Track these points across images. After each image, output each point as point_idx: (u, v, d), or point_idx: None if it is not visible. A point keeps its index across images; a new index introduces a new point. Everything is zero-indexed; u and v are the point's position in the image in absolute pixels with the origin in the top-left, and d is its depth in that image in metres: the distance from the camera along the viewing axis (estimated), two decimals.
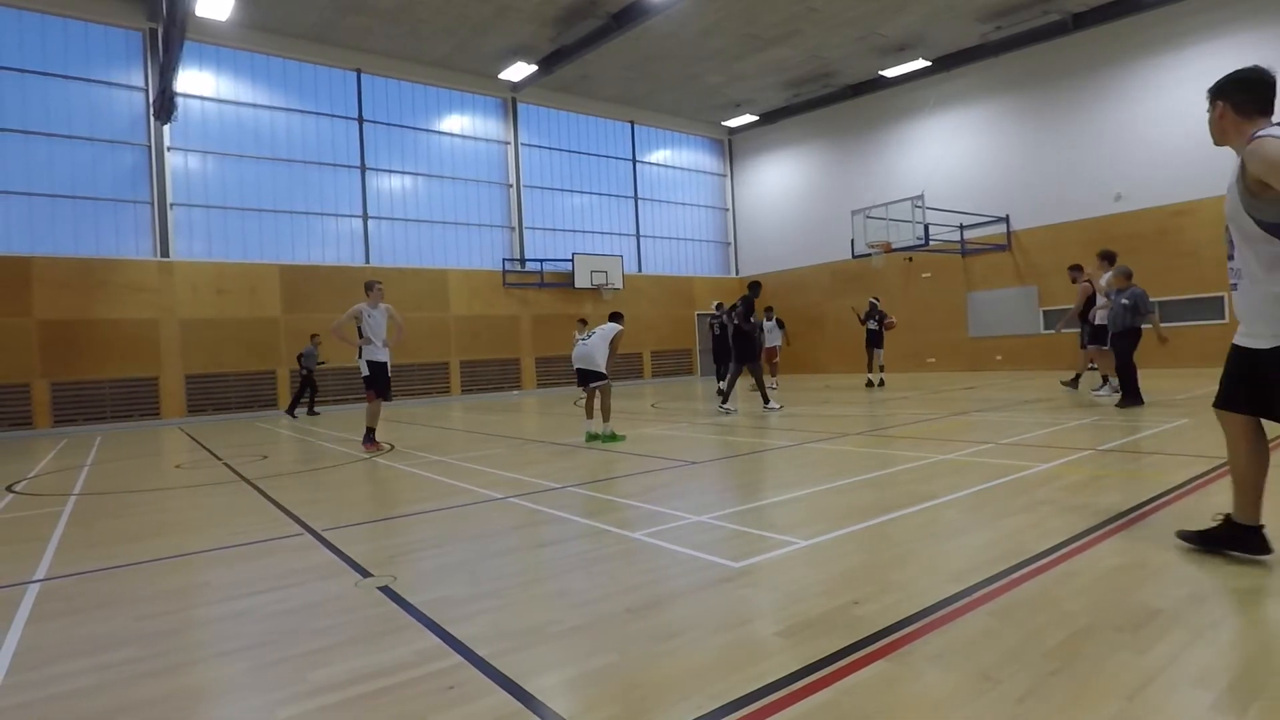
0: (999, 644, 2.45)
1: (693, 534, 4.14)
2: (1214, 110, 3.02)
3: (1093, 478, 5.09)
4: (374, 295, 9.16)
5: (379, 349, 9.10)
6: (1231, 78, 2.98)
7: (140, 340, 16.35)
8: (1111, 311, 9.60)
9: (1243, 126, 2.91)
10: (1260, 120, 2.88)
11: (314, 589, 3.50)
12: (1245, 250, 2.92)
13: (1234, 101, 2.95)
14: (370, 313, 9.04)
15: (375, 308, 9.11)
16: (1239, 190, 2.85)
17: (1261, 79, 2.91)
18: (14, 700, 2.45)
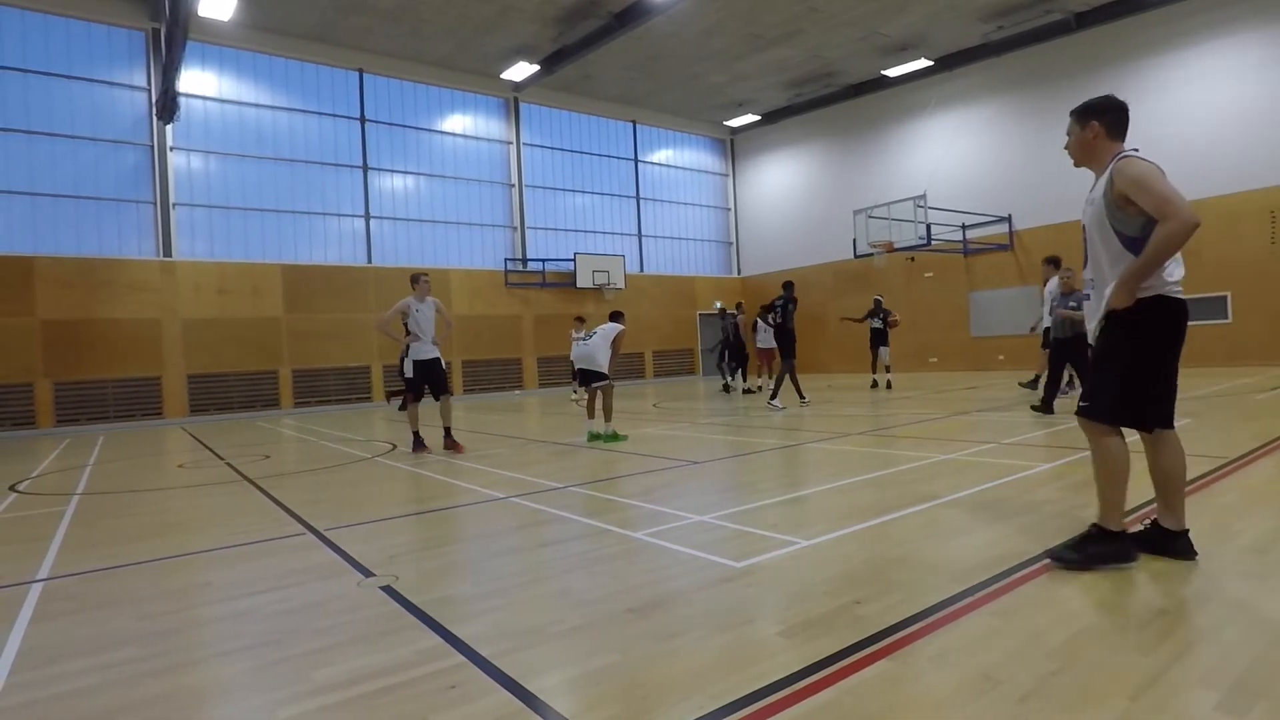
0: (1001, 644, 2.44)
1: (694, 534, 4.14)
2: (1087, 130, 3.35)
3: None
4: (420, 289, 8.66)
5: (428, 346, 8.59)
6: (1106, 103, 3.34)
7: (143, 340, 16.38)
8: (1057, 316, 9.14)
9: (1111, 147, 3.27)
10: (1120, 143, 3.28)
11: (316, 589, 3.50)
12: (1103, 262, 3.22)
13: (1108, 123, 3.30)
14: (418, 307, 8.55)
15: (423, 302, 8.60)
16: (1104, 204, 3.17)
17: (1125, 107, 3.34)
18: (17, 699, 2.45)
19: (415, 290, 8.64)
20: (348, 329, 18.94)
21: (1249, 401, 9.36)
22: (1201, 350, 16.52)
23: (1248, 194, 15.86)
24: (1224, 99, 16.21)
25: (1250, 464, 5.27)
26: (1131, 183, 3.01)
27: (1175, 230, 2.90)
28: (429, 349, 8.60)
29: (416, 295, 8.61)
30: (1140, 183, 2.98)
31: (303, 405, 18.23)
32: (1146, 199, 2.96)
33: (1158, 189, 2.94)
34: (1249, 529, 3.63)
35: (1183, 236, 2.91)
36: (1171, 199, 2.91)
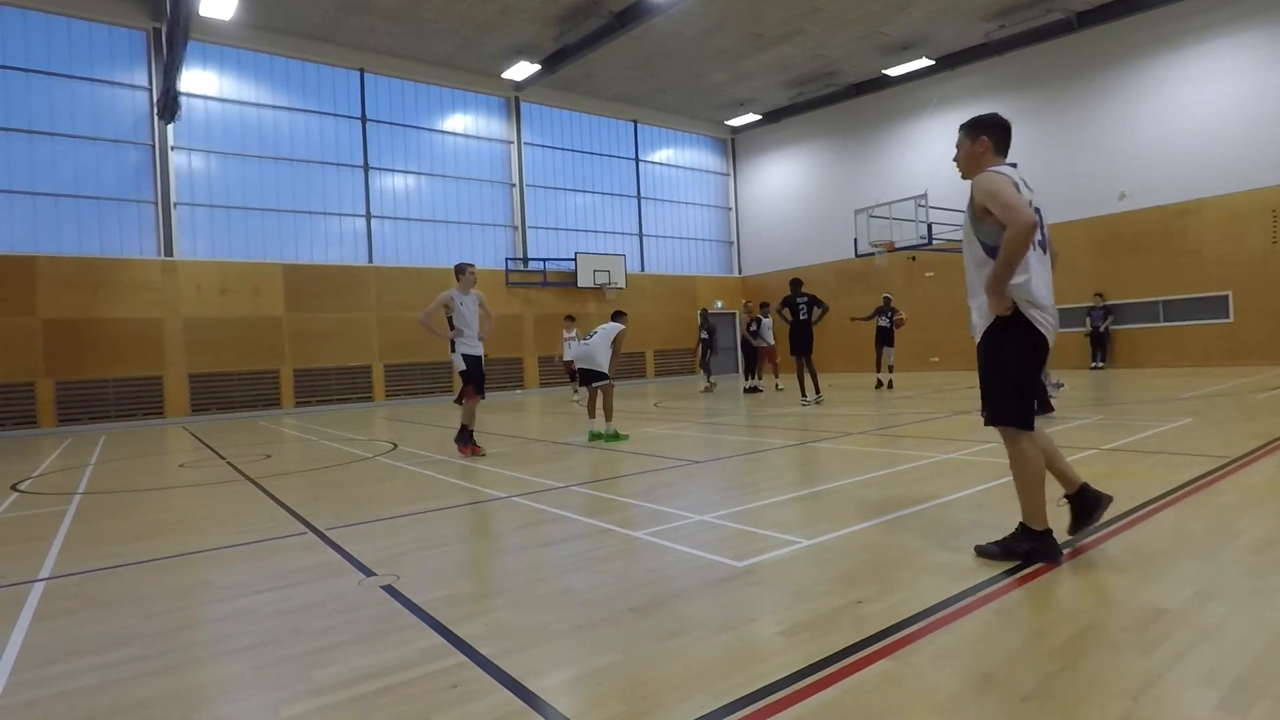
0: (1003, 643, 2.44)
1: (696, 533, 4.14)
2: (976, 144, 3.50)
3: (1097, 477, 5.06)
4: (465, 280, 8.05)
5: (473, 341, 8.05)
6: (993, 120, 3.50)
7: (144, 339, 16.39)
8: None
9: (994, 162, 3.44)
10: (1002, 158, 3.48)
11: (317, 588, 3.50)
12: (971, 270, 3.45)
13: (995, 139, 3.48)
14: (462, 300, 7.96)
15: (466, 295, 8.01)
16: (969, 216, 3.39)
17: (1009, 126, 3.54)
18: (19, 699, 2.45)
19: (460, 281, 8.07)
20: (349, 328, 18.95)
21: (1250, 401, 9.35)
22: (1202, 350, 16.53)
23: (1249, 193, 15.85)
24: (1226, 98, 16.19)
25: (1251, 464, 5.26)
26: (985, 194, 3.24)
27: (1014, 234, 3.12)
28: (475, 344, 8.08)
29: (460, 287, 8.03)
30: (991, 193, 3.21)
31: (304, 405, 18.25)
32: (995, 207, 3.18)
33: (1004, 198, 3.16)
34: (1250, 529, 3.63)
35: (1022, 238, 3.12)
36: (1013, 205, 3.13)
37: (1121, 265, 17.74)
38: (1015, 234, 3.10)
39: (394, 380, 19.63)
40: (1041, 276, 3.35)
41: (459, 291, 8.00)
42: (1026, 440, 3.43)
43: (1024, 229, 3.09)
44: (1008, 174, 3.31)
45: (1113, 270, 17.87)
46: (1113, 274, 17.88)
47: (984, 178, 3.32)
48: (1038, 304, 3.31)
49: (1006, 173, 3.32)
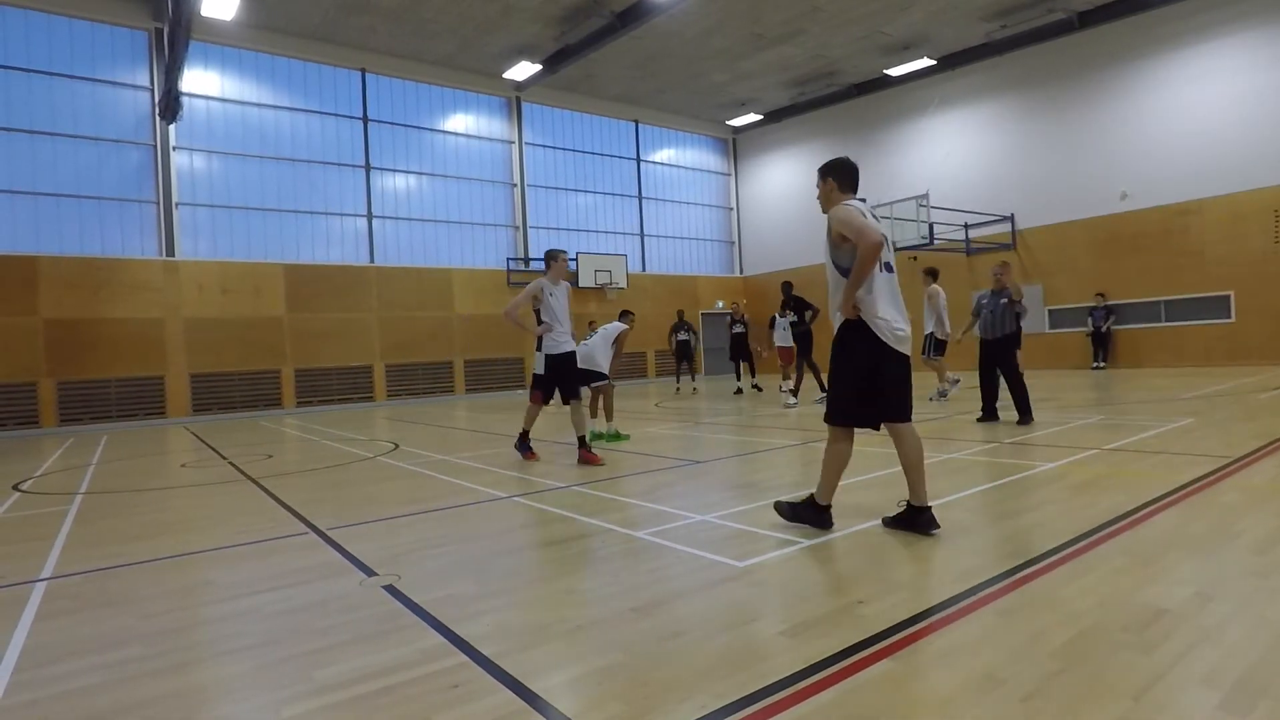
0: (1004, 643, 2.44)
1: (697, 533, 4.14)
2: (826, 184, 4.15)
3: (1098, 477, 5.08)
4: (555, 269, 7.27)
5: (563, 338, 7.26)
6: (837, 164, 4.14)
7: (145, 339, 16.41)
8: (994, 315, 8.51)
9: (842, 198, 4.05)
10: (850, 194, 4.10)
11: (318, 588, 3.50)
12: (830, 290, 4.11)
13: (839, 180, 4.11)
14: (551, 290, 7.16)
15: (557, 285, 7.23)
16: (827, 244, 4.03)
17: (853, 168, 4.15)
18: (21, 698, 2.45)
19: (550, 270, 7.26)
20: (350, 328, 18.96)
21: (1251, 401, 9.34)
22: (1203, 350, 16.52)
23: (1251, 193, 15.83)
24: (1227, 98, 16.18)
25: (1252, 464, 5.26)
26: (840, 223, 3.87)
27: (865, 249, 3.71)
28: (565, 341, 7.29)
29: (550, 276, 7.24)
30: (844, 221, 3.84)
31: (305, 405, 18.26)
32: (850, 231, 3.78)
33: (855, 224, 3.78)
34: (1251, 529, 3.62)
35: (872, 254, 3.71)
36: (863, 228, 3.74)
37: (1122, 265, 17.73)
38: (866, 250, 3.69)
39: (395, 380, 19.64)
40: (887, 294, 3.92)
41: (549, 281, 7.20)
42: (839, 435, 4.08)
43: (873, 246, 3.68)
44: (857, 206, 3.94)
45: (1114, 270, 17.86)
46: (1114, 274, 17.86)
47: (838, 209, 3.93)
48: (881, 315, 3.86)
49: (856, 205, 3.95)
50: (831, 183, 4.13)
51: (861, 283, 3.79)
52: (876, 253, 3.70)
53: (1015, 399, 8.39)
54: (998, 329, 8.49)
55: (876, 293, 3.85)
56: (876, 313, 3.84)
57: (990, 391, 8.68)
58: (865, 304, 3.85)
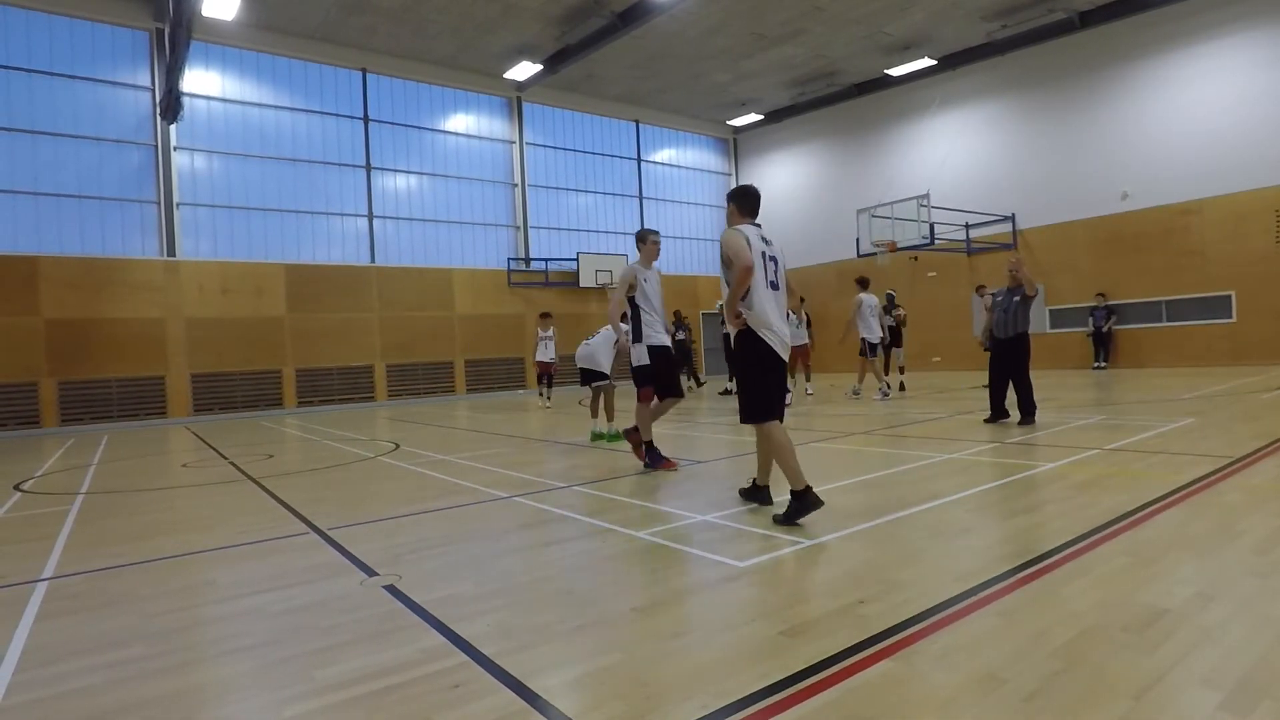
0: (1005, 643, 2.44)
1: (698, 533, 4.15)
2: (729, 209, 4.71)
3: (1099, 477, 5.08)
4: (647, 250, 6.51)
5: (659, 329, 6.53)
6: (738, 191, 4.71)
7: (146, 339, 16.42)
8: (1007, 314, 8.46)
9: (739, 221, 4.59)
10: (748, 219, 4.62)
11: (320, 588, 3.50)
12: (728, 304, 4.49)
13: (738, 205, 4.66)
14: (645, 276, 6.47)
15: (650, 270, 6.56)
16: (721, 263, 4.55)
17: (752, 194, 4.71)
18: (23, 698, 2.46)
19: (642, 253, 6.55)
20: (351, 328, 18.98)
21: (1253, 401, 9.34)
22: (1205, 349, 16.51)
23: (1252, 193, 15.82)
24: (1229, 98, 16.17)
25: (1254, 464, 5.25)
26: (724, 244, 4.43)
27: (738, 272, 4.31)
28: (662, 332, 6.54)
29: (643, 259, 6.55)
30: (726, 243, 4.40)
31: (306, 405, 18.27)
32: (729, 253, 4.34)
33: (732, 248, 4.33)
34: (1252, 529, 3.62)
35: (741, 276, 4.29)
36: (738, 253, 4.29)
37: (1124, 265, 17.72)
38: (738, 272, 4.29)
39: (396, 380, 19.65)
40: (771, 306, 4.41)
41: (642, 266, 6.51)
42: (772, 428, 4.38)
43: (743, 270, 4.27)
44: (744, 231, 4.44)
45: (1115, 270, 17.85)
46: (1115, 274, 17.85)
47: (726, 233, 4.47)
48: (766, 325, 4.37)
49: (744, 230, 4.45)
50: (733, 207, 4.67)
51: (738, 298, 4.36)
52: (746, 276, 4.27)
53: (1021, 399, 8.28)
54: (1009, 328, 8.37)
55: (760, 307, 4.37)
56: (763, 323, 4.38)
57: (999, 392, 8.51)
58: (751, 317, 4.37)
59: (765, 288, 4.40)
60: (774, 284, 4.48)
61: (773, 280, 4.48)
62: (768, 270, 4.44)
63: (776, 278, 4.51)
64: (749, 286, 4.31)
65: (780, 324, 4.44)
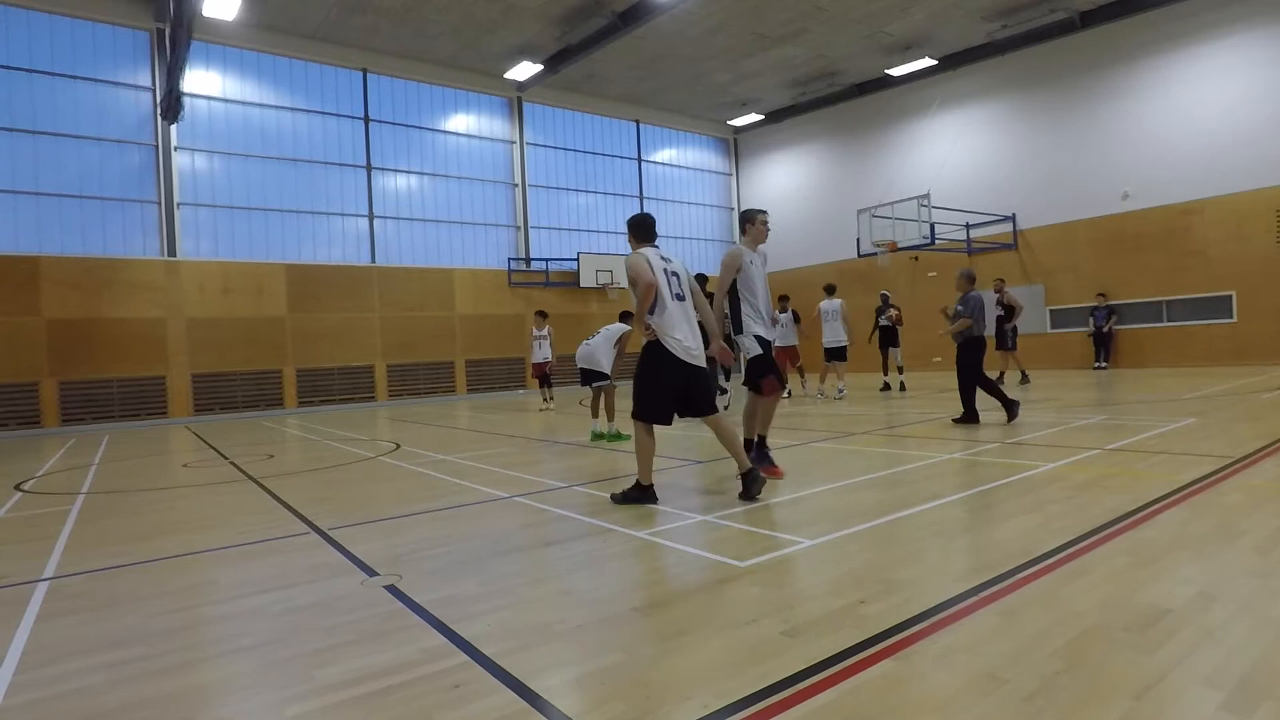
0: (1006, 644, 2.44)
1: (698, 533, 4.14)
2: (629, 236, 5.20)
3: (1099, 477, 5.08)
4: (755, 231, 5.92)
5: (761, 322, 5.82)
6: (632, 221, 5.18)
7: (147, 339, 16.43)
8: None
9: (639, 246, 5.12)
10: (645, 244, 5.11)
11: (321, 588, 3.51)
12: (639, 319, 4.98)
13: (633, 233, 5.18)
14: (751, 259, 5.81)
15: (756, 252, 5.93)
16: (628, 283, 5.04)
17: (648, 222, 5.16)
18: (24, 698, 2.46)
19: (748, 233, 5.93)
20: (352, 328, 18.98)
21: (1254, 401, 9.33)
22: (1206, 349, 16.50)
23: (1253, 193, 15.81)
24: (1230, 97, 16.16)
25: (1255, 464, 5.25)
26: (627, 268, 4.97)
27: (641, 289, 4.83)
28: (764, 325, 5.84)
29: (749, 240, 5.92)
30: (628, 267, 4.96)
31: (307, 405, 18.28)
32: (631, 275, 4.90)
33: (634, 271, 4.89)
34: (1254, 529, 3.62)
35: (644, 294, 4.82)
36: (640, 273, 4.84)
37: (1125, 265, 17.71)
38: (640, 289, 4.82)
39: (396, 380, 19.65)
40: (677, 318, 4.91)
41: (748, 247, 5.88)
42: (645, 428, 4.96)
43: (645, 287, 4.81)
44: (645, 254, 4.98)
45: (1116, 270, 17.84)
46: (1116, 274, 17.85)
47: (628, 257, 5.02)
48: (672, 336, 4.86)
49: (644, 253, 5.00)
50: (630, 236, 5.20)
51: (644, 312, 4.84)
52: (649, 292, 4.81)
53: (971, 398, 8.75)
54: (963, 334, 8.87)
55: (668, 319, 4.87)
56: (668, 334, 4.86)
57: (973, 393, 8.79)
58: (659, 327, 4.86)
59: (671, 300, 4.91)
60: (679, 296, 4.98)
61: (678, 293, 4.98)
62: (671, 285, 4.95)
63: (681, 290, 5.02)
64: (656, 300, 4.84)
65: (686, 332, 4.91)
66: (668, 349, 4.83)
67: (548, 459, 7.61)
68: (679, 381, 4.92)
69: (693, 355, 4.90)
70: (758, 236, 5.98)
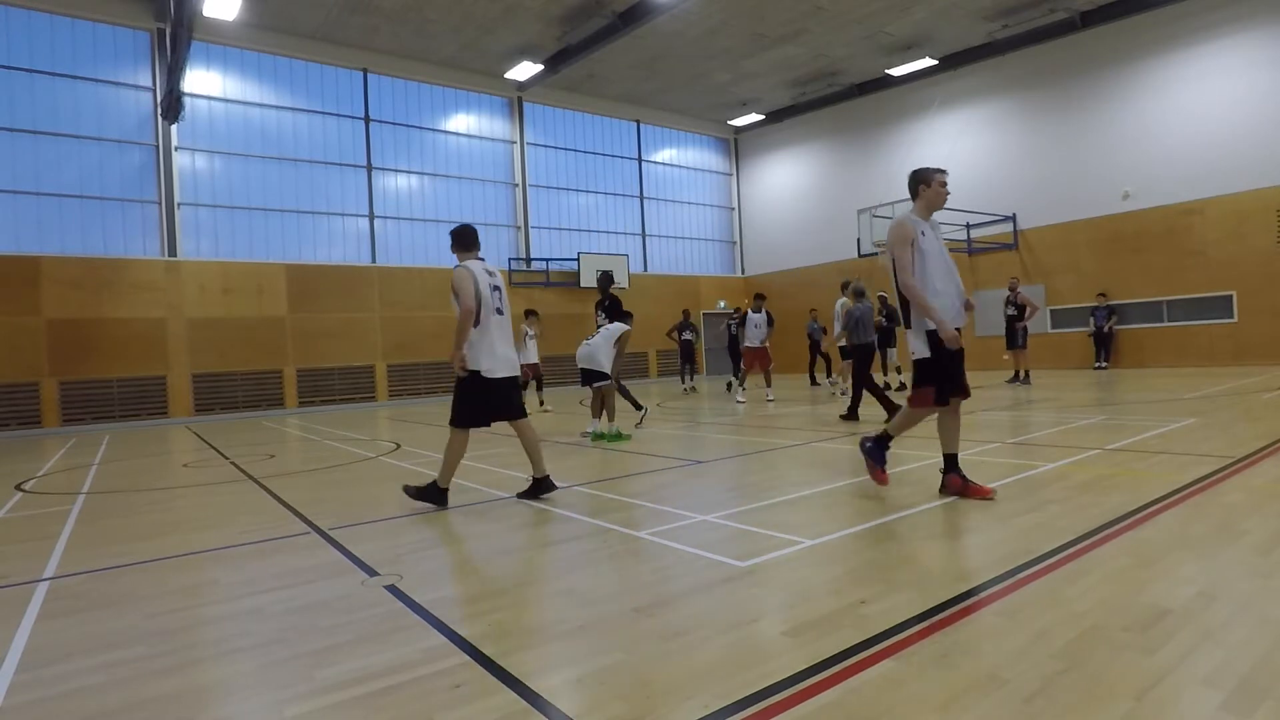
0: (1006, 644, 2.44)
1: (699, 533, 4.14)
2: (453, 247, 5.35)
3: (1100, 477, 5.07)
4: (930, 194, 4.79)
5: (954, 299, 4.72)
6: (458, 231, 5.35)
7: (148, 339, 16.43)
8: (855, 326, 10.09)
9: (465, 257, 5.27)
10: (469, 253, 5.31)
11: (321, 587, 3.51)
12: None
13: (456, 243, 5.33)
14: (925, 230, 4.71)
15: (929, 223, 4.80)
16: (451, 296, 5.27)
17: (472, 232, 5.37)
18: (24, 698, 2.46)
19: (922, 197, 4.81)
20: (352, 328, 18.98)
21: (1254, 401, 9.33)
22: (1207, 349, 16.49)
23: (1254, 193, 15.81)
24: (1230, 97, 16.16)
25: (1256, 464, 5.25)
26: (453, 282, 5.10)
27: (460, 314, 5.00)
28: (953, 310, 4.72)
29: (922, 208, 4.82)
30: (455, 282, 5.09)
31: (307, 405, 18.28)
32: (455, 289, 5.07)
33: (457, 286, 5.07)
34: (1254, 529, 3.62)
35: (463, 318, 5.01)
36: (461, 294, 5.02)
37: (1125, 265, 17.71)
38: (461, 313, 5.00)
39: (397, 380, 19.65)
40: (497, 334, 5.17)
41: (920, 216, 4.79)
42: (458, 435, 5.18)
43: (466, 311, 5.00)
44: (471, 268, 5.12)
45: (1116, 270, 17.84)
46: (1116, 274, 17.84)
47: (455, 270, 5.15)
48: (493, 353, 5.12)
49: (471, 267, 5.14)
50: (456, 247, 5.34)
51: (467, 330, 5.02)
52: (467, 318, 5.00)
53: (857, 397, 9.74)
54: (863, 335, 9.93)
55: (491, 334, 5.12)
56: (490, 350, 5.11)
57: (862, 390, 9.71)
58: (481, 345, 5.08)
59: (493, 314, 5.16)
60: (499, 310, 5.23)
61: (498, 307, 5.22)
62: (493, 299, 5.18)
63: (501, 304, 5.27)
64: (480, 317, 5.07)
65: (505, 346, 5.23)
66: (485, 376, 5.09)
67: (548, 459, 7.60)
68: (497, 391, 5.18)
69: (511, 366, 5.25)
70: (933, 202, 4.80)
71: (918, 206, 4.84)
